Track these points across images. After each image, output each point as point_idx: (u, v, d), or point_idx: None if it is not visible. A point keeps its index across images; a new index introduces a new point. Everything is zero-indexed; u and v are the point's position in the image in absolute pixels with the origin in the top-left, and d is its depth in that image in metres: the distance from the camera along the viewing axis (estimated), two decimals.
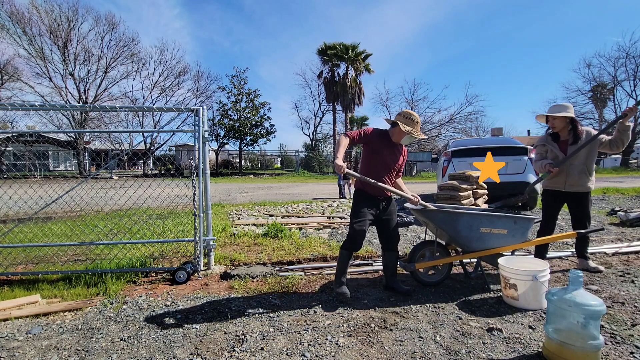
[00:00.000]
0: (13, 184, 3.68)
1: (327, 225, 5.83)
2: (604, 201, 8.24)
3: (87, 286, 3.12)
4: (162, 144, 28.96)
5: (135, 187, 3.85)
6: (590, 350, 1.75)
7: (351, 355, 1.96)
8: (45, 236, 4.64)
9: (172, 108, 3.71)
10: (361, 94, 28.80)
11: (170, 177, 5.00)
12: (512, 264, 2.61)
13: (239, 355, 1.97)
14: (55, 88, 24.61)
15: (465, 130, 29.52)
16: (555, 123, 3.21)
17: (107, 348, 2.08)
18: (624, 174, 20.47)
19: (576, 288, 1.84)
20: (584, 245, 3.33)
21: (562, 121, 3.19)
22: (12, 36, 22.73)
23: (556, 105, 3.24)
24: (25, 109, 3.33)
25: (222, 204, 8.93)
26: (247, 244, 4.59)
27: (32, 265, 3.75)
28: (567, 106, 3.19)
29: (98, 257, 3.87)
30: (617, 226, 5.34)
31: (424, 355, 1.94)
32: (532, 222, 2.94)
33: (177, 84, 29.20)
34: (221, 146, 31.75)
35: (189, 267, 3.30)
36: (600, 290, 2.82)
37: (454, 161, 7.05)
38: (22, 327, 2.39)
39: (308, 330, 2.26)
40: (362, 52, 27.96)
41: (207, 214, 3.58)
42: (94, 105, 3.68)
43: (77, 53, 24.93)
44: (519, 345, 2.03)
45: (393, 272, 2.93)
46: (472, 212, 2.92)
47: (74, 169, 27.53)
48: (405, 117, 2.77)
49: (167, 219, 6.10)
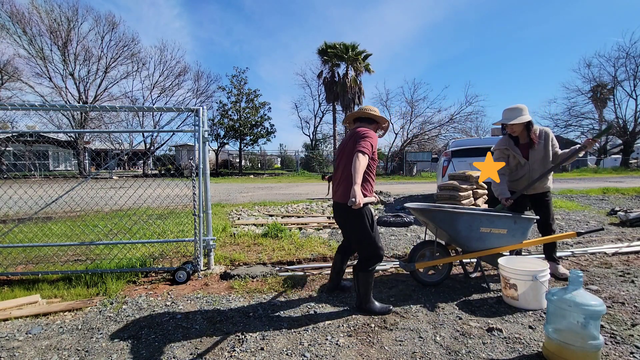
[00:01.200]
0: (13, 184, 3.68)
1: (327, 225, 5.83)
2: (604, 201, 8.23)
3: (87, 286, 3.12)
4: (162, 144, 28.96)
5: (135, 187, 3.85)
6: (590, 350, 1.75)
7: (351, 355, 1.96)
8: (45, 236, 4.64)
9: (172, 108, 3.71)
10: (361, 94, 28.78)
11: (170, 177, 4.99)
12: (512, 264, 2.61)
13: (239, 355, 1.97)
14: (55, 88, 24.60)
15: (465, 130, 29.51)
16: (514, 128, 3.11)
17: (107, 348, 2.09)
18: (624, 174, 20.47)
19: (576, 288, 1.84)
20: (552, 248, 3.24)
21: (521, 125, 3.08)
22: (12, 36, 22.73)
23: (510, 109, 3.09)
24: (25, 109, 3.33)
25: (222, 204, 8.92)
26: (247, 244, 4.59)
27: (32, 265, 3.75)
28: (521, 108, 3.05)
29: (98, 257, 3.87)
30: (617, 226, 5.34)
31: (424, 355, 1.94)
32: (532, 222, 2.94)
33: (177, 84, 29.19)
34: (221, 146, 31.74)
35: (189, 267, 3.30)
36: (600, 290, 2.82)
37: (454, 161, 7.05)
38: (22, 327, 2.39)
39: (308, 330, 2.26)
40: (362, 52, 27.95)
41: (207, 214, 3.58)
42: (94, 105, 3.67)
43: (77, 53, 24.92)
44: (519, 345, 2.03)
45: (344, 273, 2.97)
46: (472, 212, 2.92)
47: (74, 169, 27.52)
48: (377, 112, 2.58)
49: (167, 219, 6.10)
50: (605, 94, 28.33)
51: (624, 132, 27.32)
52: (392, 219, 5.81)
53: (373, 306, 2.48)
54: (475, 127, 31.94)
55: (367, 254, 2.45)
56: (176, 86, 29.18)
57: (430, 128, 28.66)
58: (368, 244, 2.41)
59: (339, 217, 2.55)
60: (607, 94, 28.20)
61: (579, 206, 7.46)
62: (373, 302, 2.51)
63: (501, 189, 3.17)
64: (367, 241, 2.41)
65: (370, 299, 2.50)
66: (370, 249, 2.43)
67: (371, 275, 2.47)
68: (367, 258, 2.45)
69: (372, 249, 2.43)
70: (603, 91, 28.32)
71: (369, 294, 2.48)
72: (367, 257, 2.45)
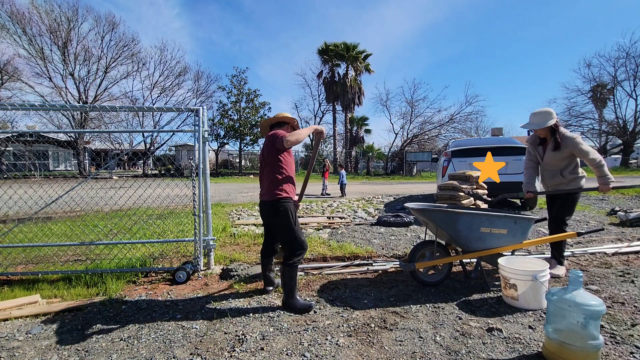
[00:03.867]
0: (13, 184, 3.68)
1: (327, 225, 5.84)
2: (604, 201, 8.23)
3: (87, 286, 3.12)
4: (162, 144, 29.01)
5: (135, 187, 3.85)
6: (590, 350, 1.75)
7: (351, 355, 1.96)
8: (45, 236, 4.64)
9: (172, 108, 3.71)
10: (361, 94, 28.80)
11: (170, 177, 4.99)
12: (512, 264, 2.61)
13: (239, 355, 1.97)
14: (55, 88, 24.60)
15: (465, 130, 29.50)
16: (540, 132, 3.22)
17: (107, 348, 2.08)
18: (624, 174, 20.46)
19: (576, 288, 1.84)
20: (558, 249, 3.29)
21: (544, 130, 3.16)
22: (12, 36, 22.74)
23: (536, 114, 3.17)
24: (25, 109, 3.33)
25: (222, 204, 8.92)
26: (247, 244, 4.59)
27: (32, 265, 3.75)
28: (548, 112, 3.11)
29: (98, 257, 3.87)
30: (617, 226, 5.34)
31: (424, 355, 1.94)
32: (532, 222, 2.94)
33: (177, 84, 29.21)
34: (221, 146, 31.76)
35: (189, 267, 3.30)
36: (600, 290, 2.82)
37: (454, 161, 7.05)
38: (22, 327, 2.39)
39: (308, 330, 2.26)
40: (363, 52, 27.96)
41: (207, 214, 3.58)
42: (94, 105, 3.67)
43: (77, 53, 24.92)
44: (519, 345, 2.03)
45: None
46: (472, 212, 2.92)
47: (74, 169, 27.52)
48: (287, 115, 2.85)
49: (167, 219, 6.10)
50: (605, 94, 28.32)
51: (624, 132, 27.30)
52: (392, 219, 5.81)
53: (295, 302, 2.58)
54: (475, 127, 31.98)
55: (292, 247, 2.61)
56: (176, 86, 29.23)
57: (430, 128, 28.66)
58: (292, 238, 2.59)
59: (264, 216, 2.74)
60: (607, 94, 28.19)
61: (579, 206, 7.47)
62: (295, 298, 2.60)
63: (525, 181, 3.48)
64: (291, 235, 2.59)
65: (293, 295, 2.59)
66: (295, 243, 2.60)
67: (294, 270, 2.59)
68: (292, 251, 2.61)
69: (296, 243, 2.60)
70: (603, 91, 28.31)
71: (293, 289, 2.59)
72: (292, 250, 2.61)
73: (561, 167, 3.18)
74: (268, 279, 2.96)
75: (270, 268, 2.96)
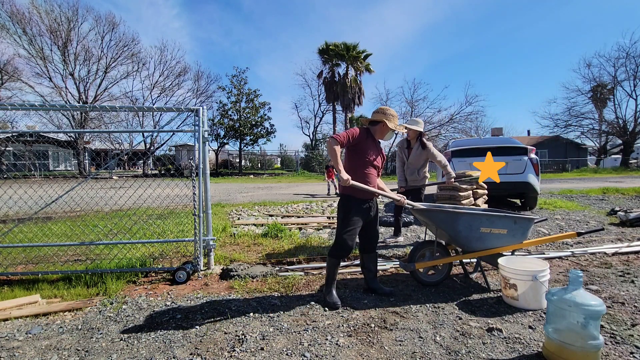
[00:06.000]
0: (13, 184, 3.68)
1: (327, 225, 5.83)
2: (604, 201, 8.23)
3: (87, 286, 3.12)
4: (162, 144, 28.97)
5: (135, 187, 3.85)
6: (590, 350, 1.75)
7: (351, 355, 1.96)
8: (45, 236, 4.64)
9: (172, 108, 3.71)
10: (361, 94, 28.78)
11: (170, 177, 4.99)
12: (512, 264, 2.61)
13: (239, 355, 1.97)
14: (55, 88, 24.61)
15: (465, 130, 29.46)
16: (409, 133, 4.29)
17: (107, 348, 2.08)
18: (624, 174, 20.47)
19: (576, 288, 1.84)
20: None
21: (414, 133, 4.27)
22: (12, 36, 22.75)
23: (412, 119, 4.29)
24: (25, 109, 3.33)
25: (222, 204, 8.92)
26: (247, 244, 4.59)
27: (32, 265, 3.75)
28: (419, 122, 4.27)
29: (98, 257, 3.87)
30: (617, 226, 5.34)
31: (424, 355, 1.94)
32: (532, 222, 2.94)
33: (177, 84, 29.21)
34: (221, 146, 31.73)
35: (189, 267, 3.30)
36: (600, 290, 2.82)
37: (454, 161, 7.05)
38: (22, 327, 2.39)
39: (308, 330, 2.26)
40: (363, 52, 27.94)
41: (207, 214, 3.58)
42: (94, 105, 3.67)
43: (77, 53, 24.93)
44: (519, 345, 2.03)
45: (375, 274, 2.92)
46: (472, 212, 2.92)
47: (74, 169, 27.51)
48: (387, 114, 2.78)
49: (167, 219, 6.10)
50: (605, 94, 28.33)
51: (624, 132, 27.31)
52: (392, 219, 5.80)
53: (328, 297, 2.66)
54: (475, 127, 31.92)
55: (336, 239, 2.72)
56: (176, 86, 29.23)
57: (430, 128, 28.60)
58: (338, 231, 2.69)
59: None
60: (607, 94, 28.21)
61: (579, 206, 7.46)
62: (330, 293, 2.67)
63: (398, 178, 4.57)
64: (338, 228, 2.70)
65: (329, 290, 2.68)
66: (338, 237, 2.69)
67: (332, 261, 2.68)
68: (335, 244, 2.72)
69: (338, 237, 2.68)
70: (603, 91, 28.32)
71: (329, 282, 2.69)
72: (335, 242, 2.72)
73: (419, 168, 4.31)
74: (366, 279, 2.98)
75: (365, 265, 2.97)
